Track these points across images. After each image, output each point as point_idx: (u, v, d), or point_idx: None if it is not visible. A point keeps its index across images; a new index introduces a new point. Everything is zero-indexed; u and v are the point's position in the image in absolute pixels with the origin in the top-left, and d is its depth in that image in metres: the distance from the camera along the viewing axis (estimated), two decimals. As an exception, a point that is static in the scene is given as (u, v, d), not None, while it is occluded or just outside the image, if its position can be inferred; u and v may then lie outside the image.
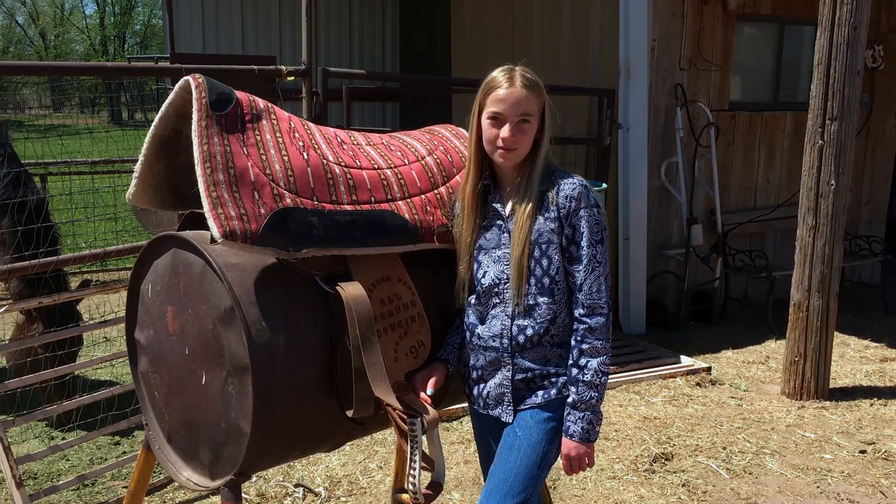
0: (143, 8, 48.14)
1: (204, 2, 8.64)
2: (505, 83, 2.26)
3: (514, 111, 2.24)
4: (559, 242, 2.24)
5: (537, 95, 2.27)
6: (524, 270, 2.24)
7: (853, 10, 4.58)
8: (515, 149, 2.26)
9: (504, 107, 2.24)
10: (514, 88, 2.25)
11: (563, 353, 2.29)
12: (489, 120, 2.27)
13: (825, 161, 4.76)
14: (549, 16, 7.37)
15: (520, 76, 2.27)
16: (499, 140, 2.25)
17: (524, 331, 2.27)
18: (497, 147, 2.27)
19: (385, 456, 4.19)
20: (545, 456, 2.28)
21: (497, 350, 2.31)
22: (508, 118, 2.24)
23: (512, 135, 2.24)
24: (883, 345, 6.10)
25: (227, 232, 2.08)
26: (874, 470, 4.09)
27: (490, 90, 2.28)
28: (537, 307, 2.26)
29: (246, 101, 2.33)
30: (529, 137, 2.27)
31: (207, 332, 2.24)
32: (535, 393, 2.32)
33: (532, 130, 2.27)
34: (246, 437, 2.19)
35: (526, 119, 2.25)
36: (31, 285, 4.37)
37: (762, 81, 7.02)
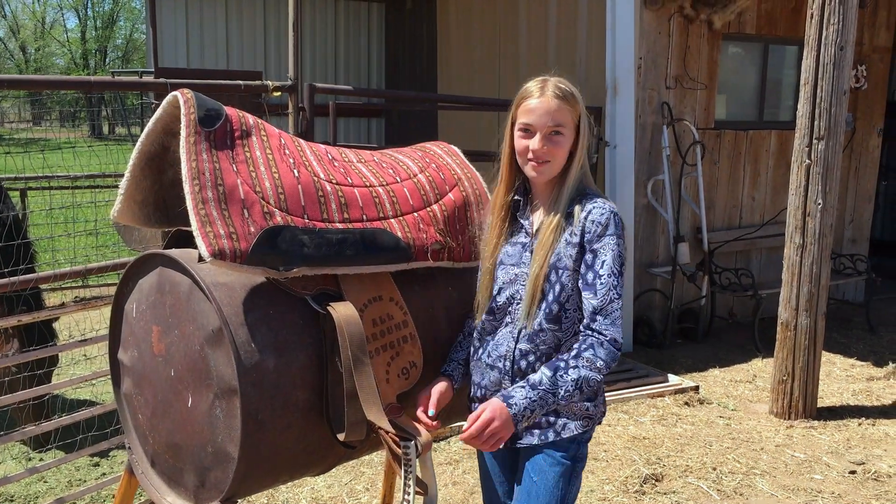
0: (125, 22, 48.00)
1: (188, 16, 8.59)
2: (536, 93, 2.17)
3: (545, 122, 2.14)
4: (575, 269, 2.12)
5: (572, 106, 2.17)
6: (537, 293, 2.14)
7: (839, 31, 4.60)
8: (547, 161, 2.16)
9: (534, 117, 2.16)
10: (546, 98, 2.15)
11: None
12: (520, 131, 2.19)
13: (812, 180, 4.76)
14: (535, 33, 7.39)
15: (552, 86, 2.17)
16: (529, 152, 2.17)
17: (526, 356, 2.18)
18: (528, 160, 2.18)
19: (372, 477, 4.12)
20: (563, 500, 2.20)
21: (500, 371, 2.23)
22: (539, 129, 2.15)
23: (542, 146, 2.15)
24: (869, 363, 6.10)
25: (216, 251, 2.02)
26: (864, 491, 4.06)
27: (522, 101, 2.20)
28: (542, 333, 2.16)
29: (235, 117, 2.28)
30: (563, 150, 2.17)
31: (194, 353, 2.18)
32: (531, 431, 2.21)
33: (566, 143, 2.17)
34: (234, 461, 2.12)
35: (558, 131, 2.15)
36: (7, 303, 4.28)
37: (747, 100, 7.05)
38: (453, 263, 2.52)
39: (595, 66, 6.44)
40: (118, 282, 2.49)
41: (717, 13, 6.29)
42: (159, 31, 7.95)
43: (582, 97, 2.24)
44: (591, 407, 2.20)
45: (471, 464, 4.26)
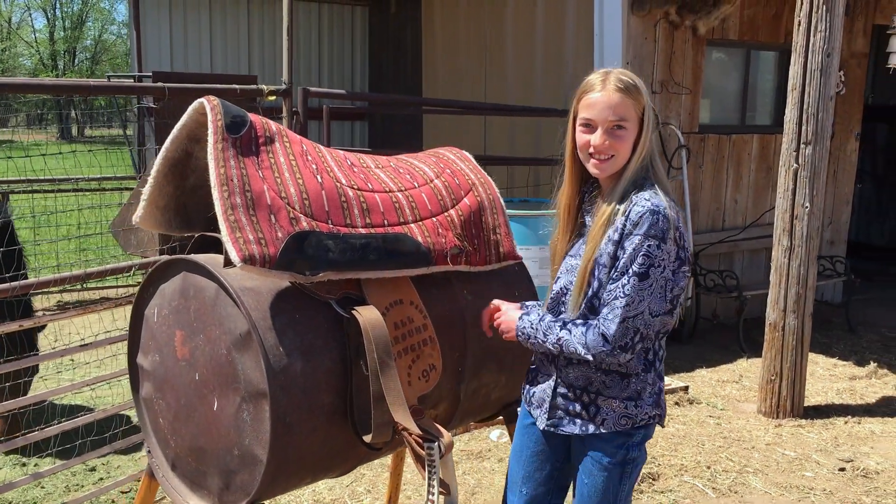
0: (94, 23, 47.45)
1: (171, 20, 8.56)
2: (598, 86, 2.12)
3: (607, 116, 2.09)
4: (610, 267, 2.10)
5: (635, 99, 2.11)
6: (583, 286, 2.14)
7: (826, 38, 4.71)
8: (610, 156, 2.12)
9: (595, 111, 2.11)
10: (607, 92, 2.09)
11: (608, 380, 2.18)
12: (581, 126, 2.15)
13: (800, 184, 4.87)
14: (522, 39, 7.45)
15: (614, 78, 2.11)
16: (590, 147, 2.13)
17: None
18: (589, 155, 2.15)
19: (372, 479, 4.15)
20: (616, 497, 2.23)
21: (549, 357, 2.28)
22: (600, 124, 2.11)
23: (604, 141, 2.10)
24: (850, 363, 6.24)
25: (246, 256, 2.05)
26: (854, 487, 4.17)
27: (583, 94, 2.16)
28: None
29: (259, 123, 2.31)
30: (626, 144, 2.12)
31: (221, 357, 2.20)
32: (573, 420, 2.24)
33: (629, 137, 2.12)
34: (262, 464, 2.15)
35: (621, 125, 2.10)
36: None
37: (730, 105, 7.18)
38: (470, 268, 2.57)
39: (583, 70, 6.47)
40: (139, 286, 2.50)
41: (701, 19, 6.39)
42: (143, 35, 7.91)
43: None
44: (632, 406, 2.18)
45: (470, 465, 4.30)
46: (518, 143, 7.35)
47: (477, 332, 2.58)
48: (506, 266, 2.71)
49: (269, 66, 9.24)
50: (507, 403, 2.85)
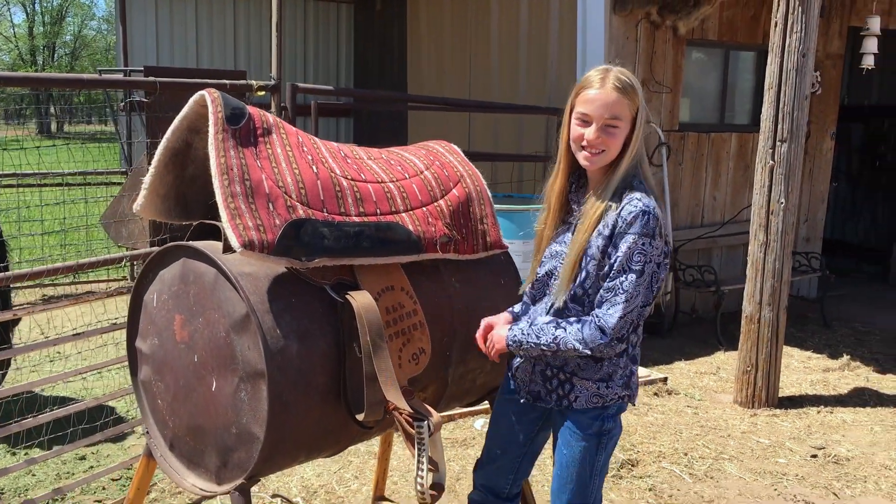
0: (74, 18, 47.14)
1: (158, 16, 8.60)
2: (597, 83, 2.22)
3: (602, 113, 2.20)
4: (599, 259, 2.24)
5: (630, 99, 2.22)
6: (570, 273, 2.27)
7: (801, 38, 4.85)
8: (601, 151, 2.23)
9: (592, 108, 2.21)
10: (605, 90, 2.20)
11: (582, 363, 2.33)
12: (577, 120, 2.26)
13: (776, 180, 5.01)
14: (507, 37, 7.57)
15: (613, 77, 2.22)
16: (584, 140, 2.24)
17: None
18: (582, 147, 2.26)
19: (359, 466, 4.25)
20: (593, 466, 2.40)
21: None
22: (595, 120, 2.21)
23: (597, 136, 2.21)
24: (824, 356, 6.40)
25: (245, 242, 2.15)
26: (826, 473, 4.31)
27: (581, 89, 2.26)
28: (567, 311, 2.32)
29: (257, 115, 2.40)
30: (618, 141, 2.23)
31: (219, 339, 2.30)
32: (550, 395, 2.42)
33: (621, 135, 2.23)
34: (259, 441, 2.25)
35: (614, 123, 2.21)
36: None
37: (709, 104, 7.33)
38: (458, 256, 2.68)
39: (566, 68, 6.64)
40: (123, 279, 2.58)
41: (681, 20, 6.53)
42: (129, 30, 7.94)
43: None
44: (604, 387, 2.34)
45: (455, 452, 4.41)
46: (501, 140, 7.46)
47: (464, 319, 2.69)
48: (492, 255, 2.83)
49: (255, 62, 9.30)
50: (491, 389, 2.96)
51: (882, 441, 4.76)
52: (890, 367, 6.13)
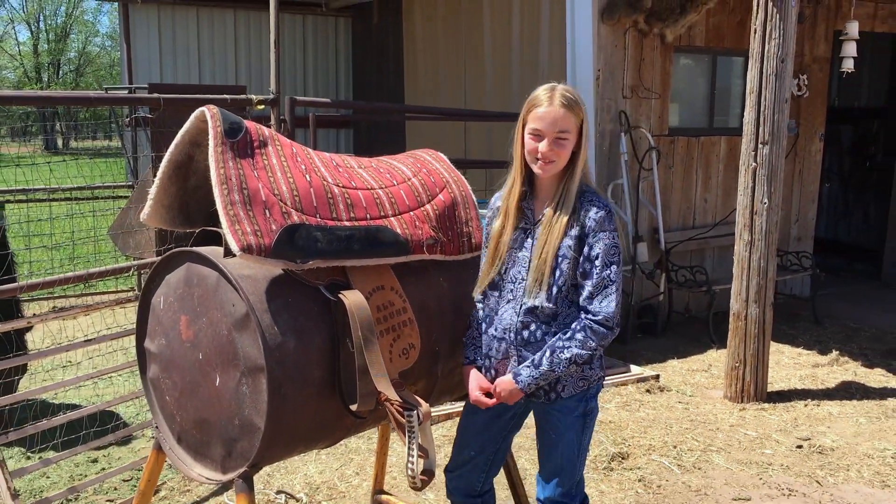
0: (78, 34, 47.57)
1: (161, 33, 8.83)
2: (545, 102, 2.46)
3: (552, 128, 2.44)
4: (572, 258, 2.47)
5: (575, 114, 2.47)
6: (542, 275, 2.49)
7: (780, 45, 5.03)
8: (553, 161, 2.48)
9: (543, 124, 2.46)
10: (553, 107, 2.45)
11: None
12: (530, 135, 2.50)
13: (759, 181, 5.19)
14: (499, 47, 7.77)
15: (559, 95, 2.46)
16: (538, 153, 2.48)
17: (528, 326, 2.56)
18: (536, 159, 2.49)
19: (360, 463, 4.42)
20: (580, 445, 2.65)
21: (507, 342, 2.61)
22: (546, 134, 2.45)
23: (550, 149, 2.45)
24: (814, 352, 6.56)
25: (244, 246, 2.33)
26: (810, 462, 4.47)
27: (532, 107, 2.50)
28: (541, 309, 2.53)
29: (254, 129, 2.58)
30: (567, 151, 2.48)
31: (222, 337, 2.48)
32: (535, 393, 2.61)
33: (569, 146, 2.48)
34: (260, 431, 2.42)
35: (563, 136, 2.46)
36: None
37: (697, 108, 7.51)
38: (444, 257, 2.85)
39: (557, 77, 6.79)
40: (146, 280, 2.77)
41: (668, 27, 6.72)
42: (133, 48, 8.17)
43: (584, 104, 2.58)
44: (587, 370, 2.59)
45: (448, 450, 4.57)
46: (496, 147, 7.65)
47: (452, 316, 2.86)
48: (477, 255, 2.99)
49: (255, 76, 9.52)
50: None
51: (866, 432, 4.91)
52: (878, 362, 6.29)
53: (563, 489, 2.70)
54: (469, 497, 2.89)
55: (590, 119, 6.43)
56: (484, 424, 2.81)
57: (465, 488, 2.89)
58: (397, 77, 9.31)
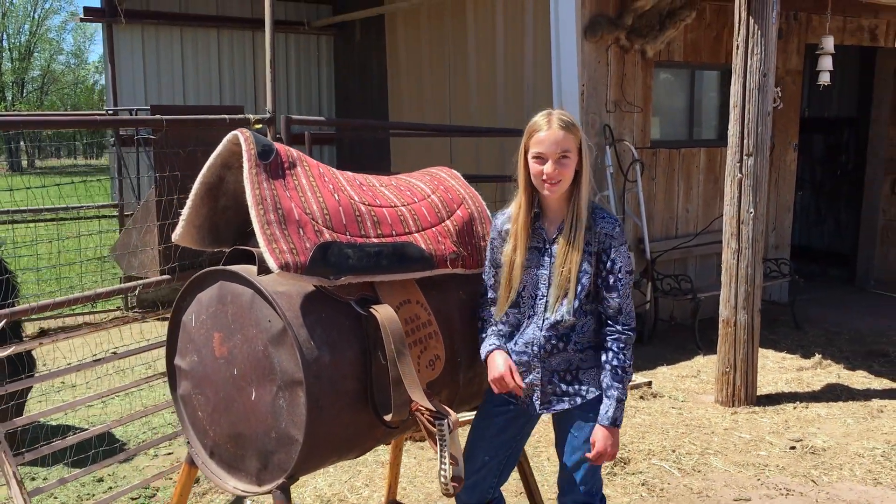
0: (41, 53, 47.09)
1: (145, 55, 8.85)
2: (545, 126, 2.61)
3: (555, 150, 2.59)
4: (592, 272, 2.63)
5: (574, 134, 2.62)
6: (565, 291, 2.63)
7: (762, 60, 5.22)
8: (559, 181, 2.61)
9: (545, 147, 2.60)
10: (553, 130, 2.60)
11: (584, 356, 2.71)
12: (534, 159, 2.64)
13: (744, 192, 5.36)
14: (484, 64, 7.92)
15: (557, 119, 2.62)
16: (543, 175, 2.61)
17: (550, 339, 2.69)
18: (543, 181, 2.63)
19: (368, 474, 4.49)
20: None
21: (528, 355, 2.73)
22: (550, 156, 2.60)
23: (554, 170, 2.59)
24: (797, 356, 6.75)
25: (282, 264, 2.42)
26: (804, 462, 4.63)
27: (532, 133, 2.65)
28: (563, 323, 2.66)
29: (283, 151, 2.68)
30: (570, 171, 2.62)
31: (258, 352, 2.55)
32: (561, 399, 2.76)
33: (572, 165, 2.62)
34: (298, 443, 2.50)
35: (566, 155, 2.60)
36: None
37: (678, 121, 7.71)
38: (465, 270, 2.96)
39: (542, 93, 6.98)
40: (177, 297, 2.83)
41: (648, 43, 6.91)
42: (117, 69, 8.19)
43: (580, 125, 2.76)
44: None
45: (457, 458, 4.66)
46: (483, 162, 7.78)
47: (470, 328, 2.96)
48: (494, 269, 3.10)
49: (240, 95, 9.58)
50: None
51: (855, 432, 5.08)
52: (859, 364, 6.49)
53: (586, 487, 2.82)
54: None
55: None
56: (499, 429, 2.91)
57: (478, 497, 2.97)
58: (381, 94, 9.42)
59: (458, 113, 8.33)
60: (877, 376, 6.19)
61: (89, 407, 5.56)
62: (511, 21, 7.68)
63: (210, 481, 4.37)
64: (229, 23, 9.45)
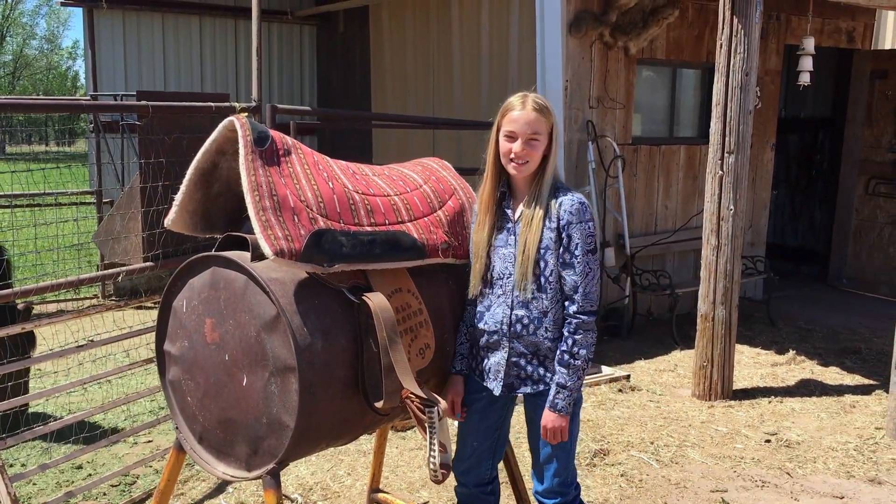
0: (14, 38, 46.40)
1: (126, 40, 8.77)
2: (518, 106, 2.68)
3: (526, 130, 2.64)
4: (555, 249, 2.67)
5: (546, 118, 2.68)
6: (527, 269, 2.68)
7: (744, 59, 5.29)
8: (526, 161, 2.67)
9: (517, 126, 2.66)
10: (526, 111, 2.66)
11: (552, 346, 2.74)
12: (504, 137, 2.70)
13: (725, 189, 5.44)
14: (469, 56, 7.94)
15: (532, 101, 2.68)
16: (512, 154, 2.67)
17: (521, 320, 2.74)
18: (510, 160, 2.69)
19: (350, 463, 4.51)
20: (572, 433, 2.82)
21: (498, 333, 2.79)
22: (520, 135, 2.65)
23: (523, 149, 2.65)
24: (772, 352, 6.85)
25: (277, 250, 2.43)
26: (779, 455, 4.71)
27: (506, 111, 2.71)
28: (533, 300, 2.72)
29: (278, 138, 2.68)
30: (538, 153, 2.68)
31: (250, 338, 2.56)
32: (524, 382, 2.81)
33: (541, 147, 2.68)
34: (289, 429, 2.52)
35: (536, 137, 2.66)
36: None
37: (659, 118, 7.78)
38: (456, 260, 2.98)
39: (527, 88, 6.96)
40: (168, 283, 2.83)
41: (632, 40, 6.97)
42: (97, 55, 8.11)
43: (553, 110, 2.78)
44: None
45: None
46: (465, 155, 7.81)
47: (460, 318, 2.99)
48: (483, 259, 3.13)
49: (221, 83, 9.52)
50: (484, 380, 3.27)
51: (828, 426, 5.19)
52: (832, 361, 6.60)
53: (560, 478, 2.88)
54: (480, 486, 3.04)
55: (559, 128, 6.65)
56: (480, 415, 2.97)
57: (476, 479, 3.04)
58: (363, 85, 9.41)
59: (441, 105, 8.35)
60: (849, 372, 6.31)
61: (70, 394, 5.53)
62: (496, 15, 7.72)
63: (193, 468, 4.39)
64: (211, 10, 9.40)
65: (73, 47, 51.79)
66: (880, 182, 8.98)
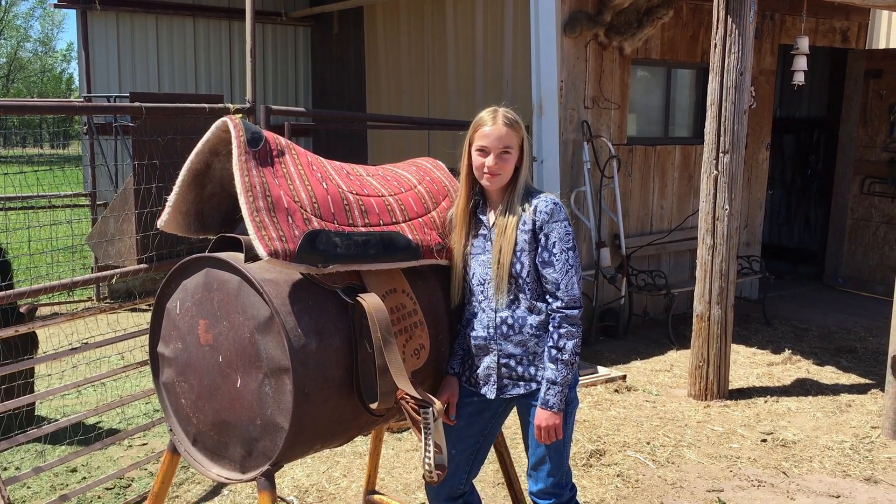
0: (7, 40, 46.31)
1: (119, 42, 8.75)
2: (490, 122, 2.73)
3: (497, 144, 2.70)
4: (531, 250, 2.71)
5: (517, 131, 2.74)
6: (504, 273, 2.72)
7: (739, 58, 5.30)
8: (499, 174, 2.73)
9: (488, 141, 2.71)
10: (497, 126, 2.72)
11: (539, 342, 2.76)
12: (477, 151, 2.75)
13: (720, 188, 5.44)
14: (463, 57, 7.93)
15: (502, 116, 2.74)
16: (485, 168, 2.72)
17: (506, 321, 2.77)
18: (484, 173, 2.74)
19: (346, 465, 4.50)
20: (566, 434, 2.83)
21: (485, 338, 2.81)
22: (492, 150, 2.71)
23: (495, 163, 2.71)
24: (768, 351, 6.86)
25: (271, 251, 2.41)
26: (775, 455, 4.71)
27: (477, 127, 2.77)
28: (515, 301, 2.75)
29: (272, 139, 2.67)
30: (510, 165, 2.74)
31: (244, 340, 2.55)
32: (516, 384, 2.82)
33: (512, 160, 2.74)
34: (283, 430, 2.50)
35: (507, 151, 2.72)
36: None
37: (654, 118, 7.78)
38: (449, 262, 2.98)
39: (521, 88, 7.01)
40: (161, 284, 2.82)
41: (626, 40, 6.97)
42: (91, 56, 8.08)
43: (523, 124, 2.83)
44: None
45: (435, 449, 4.69)
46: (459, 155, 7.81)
47: (454, 318, 2.99)
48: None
49: (215, 85, 9.50)
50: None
51: (824, 426, 5.19)
52: (828, 360, 6.61)
53: (554, 479, 2.88)
54: (451, 500, 3.02)
55: (554, 128, 6.65)
56: (466, 422, 2.95)
57: (448, 491, 3.01)
58: (358, 87, 9.40)
59: (436, 106, 8.35)
60: (845, 372, 6.32)
61: (64, 397, 5.51)
62: (491, 15, 7.71)
63: (188, 471, 4.37)
64: (205, 12, 9.38)
65: (68, 50, 51.73)
66: (875, 181, 9.00)
